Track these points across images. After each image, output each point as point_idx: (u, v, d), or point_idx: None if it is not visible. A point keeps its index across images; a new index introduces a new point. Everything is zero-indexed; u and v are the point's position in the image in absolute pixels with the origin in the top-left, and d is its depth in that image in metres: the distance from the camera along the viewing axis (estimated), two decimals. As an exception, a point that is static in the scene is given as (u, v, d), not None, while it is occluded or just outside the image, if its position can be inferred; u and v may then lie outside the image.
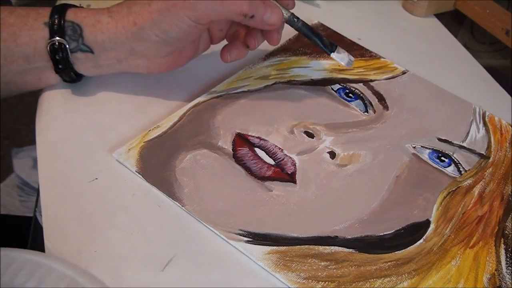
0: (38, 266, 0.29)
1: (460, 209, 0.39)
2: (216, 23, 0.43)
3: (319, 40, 0.43)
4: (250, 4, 0.38)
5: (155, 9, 0.38)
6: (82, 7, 0.42)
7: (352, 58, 0.44)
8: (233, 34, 0.44)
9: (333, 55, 0.43)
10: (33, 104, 0.43)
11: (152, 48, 0.40)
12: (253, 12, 0.38)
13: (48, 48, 0.39)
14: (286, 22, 0.42)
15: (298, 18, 0.42)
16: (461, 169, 0.42)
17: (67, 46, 0.39)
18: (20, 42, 0.39)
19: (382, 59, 0.52)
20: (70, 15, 0.39)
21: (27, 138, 1.36)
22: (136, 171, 0.37)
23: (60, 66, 0.40)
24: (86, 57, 0.40)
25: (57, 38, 0.39)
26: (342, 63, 0.43)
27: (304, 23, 0.42)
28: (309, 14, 0.58)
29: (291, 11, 0.42)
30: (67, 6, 0.40)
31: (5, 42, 0.39)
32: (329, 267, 0.34)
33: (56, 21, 0.39)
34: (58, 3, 0.56)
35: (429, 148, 0.43)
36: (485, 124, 0.46)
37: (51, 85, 0.43)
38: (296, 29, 0.43)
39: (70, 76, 0.42)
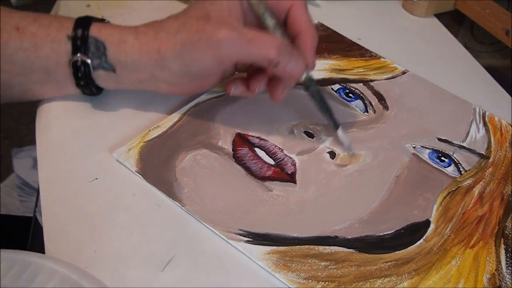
0: (40, 268, 0.28)
1: (460, 209, 0.39)
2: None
3: (328, 112, 0.41)
4: (278, 52, 0.35)
5: (179, 41, 0.36)
6: (104, 20, 0.41)
7: (352, 146, 0.42)
8: (254, 69, 0.42)
9: (339, 131, 0.41)
10: (33, 104, 0.43)
11: (173, 78, 0.39)
12: (280, 60, 0.36)
13: (70, 64, 0.38)
14: (302, 82, 0.39)
15: (316, 83, 0.40)
16: (461, 169, 0.42)
17: (90, 63, 0.38)
18: (41, 54, 0.38)
19: (382, 59, 0.52)
20: (94, 30, 0.38)
21: (27, 138, 1.37)
22: (136, 171, 0.37)
23: (82, 83, 0.39)
24: (108, 75, 0.39)
25: (80, 55, 0.38)
26: (344, 143, 0.41)
27: (320, 90, 0.40)
28: (309, 14, 0.58)
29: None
30: (91, 20, 0.39)
31: (26, 51, 0.37)
32: (329, 267, 0.34)
33: (80, 35, 0.37)
34: (58, 3, 0.56)
35: (429, 148, 0.43)
36: (485, 124, 0.46)
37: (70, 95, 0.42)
38: (310, 94, 0.40)
39: (91, 91, 0.41)
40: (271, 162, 0.40)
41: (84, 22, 0.38)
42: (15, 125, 1.40)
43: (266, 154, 0.40)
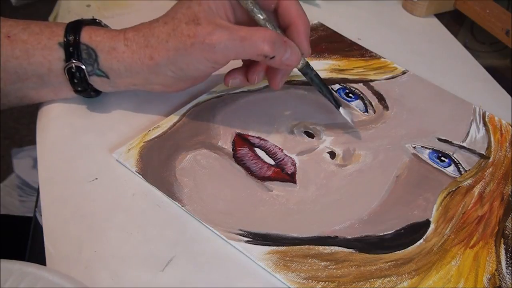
0: (37, 279, 0.28)
1: (460, 209, 0.39)
2: None
3: (329, 93, 0.42)
4: (272, 46, 0.36)
5: (173, 47, 0.36)
6: (95, 20, 0.41)
7: (355, 119, 0.44)
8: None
9: (341, 109, 0.42)
10: (33, 104, 0.43)
11: (168, 81, 0.39)
12: (275, 54, 0.36)
13: (65, 71, 0.38)
14: (299, 69, 0.40)
15: (312, 68, 0.41)
16: (461, 169, 0.42)
17: (85, 69, 0.38)
18: (33, 61, 0.38)
19: (382, 59, 0.52)
20: (85, 37, 0.38)
21: (27, 138, 1.37)
22: (136, 171, 0.37)
23: (79, 88, 0.40)
24: (102, 81, 0.39)
25: (74, 61, 0.38)
26: (348, 119, 0.42)
27: (317, 74, 0.41)
28: (309, 14, 0.58)
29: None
30: (81, 24, 0.39)
31: (18, 59, 0.37)
32: (329, 267, 0.34)
33: (71, 42, 0.38)
34: (58, 3, 0.56)
35: (429, 148, 0.43)
36: (485, 124, 0.46)
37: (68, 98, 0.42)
38: (309, 79, 0.41)
39: (89, 94, 0.41)
40: (271, 162, 0.40)
41: (74, 28, 0.38)
42: (15, 125, 1.40)
43: (266, 154, 0.40)
